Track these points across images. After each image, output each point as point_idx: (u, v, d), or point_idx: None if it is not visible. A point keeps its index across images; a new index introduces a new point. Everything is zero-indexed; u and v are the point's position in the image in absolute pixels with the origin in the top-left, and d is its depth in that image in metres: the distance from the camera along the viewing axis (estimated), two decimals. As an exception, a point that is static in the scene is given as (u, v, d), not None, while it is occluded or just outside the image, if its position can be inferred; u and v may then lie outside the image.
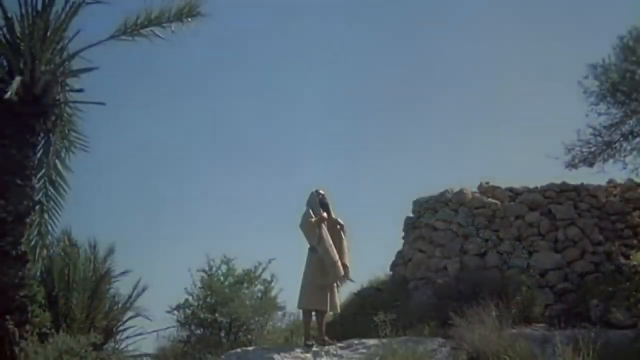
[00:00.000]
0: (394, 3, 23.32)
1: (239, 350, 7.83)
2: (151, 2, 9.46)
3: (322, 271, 7.53)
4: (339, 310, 7.87)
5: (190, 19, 9.70)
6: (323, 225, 7.72)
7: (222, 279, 10.09)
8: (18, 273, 8.57)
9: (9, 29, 9.14)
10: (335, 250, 7.61)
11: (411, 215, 11.14)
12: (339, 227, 7.98)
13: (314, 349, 7.35)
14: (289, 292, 10.12)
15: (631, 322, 7.97)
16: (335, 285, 7.70)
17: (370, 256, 16.00)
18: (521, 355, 6.34)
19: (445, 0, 23.06)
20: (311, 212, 7.73)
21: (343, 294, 8.79)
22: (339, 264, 7.56)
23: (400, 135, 24.49)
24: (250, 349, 7.90)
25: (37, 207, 9.44)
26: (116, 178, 23.11)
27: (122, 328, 12.00)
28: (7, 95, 8.31)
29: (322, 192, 7.98)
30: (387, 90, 24.10)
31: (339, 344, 7.51)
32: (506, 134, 23.29)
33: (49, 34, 9.18)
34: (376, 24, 24.36)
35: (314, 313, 7.77)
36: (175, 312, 10.01)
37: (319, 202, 7.84)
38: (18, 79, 8.60)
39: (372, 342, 7.38)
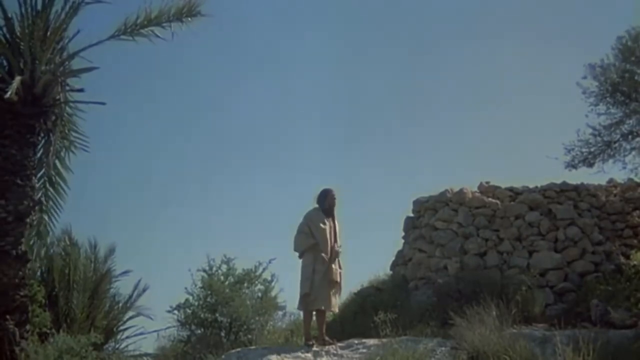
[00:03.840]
0: (393, 3, 23.35)
1: (239, 349, 7.82)
2: (151, 1, 9.48)
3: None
4: (337, 310, 7.84)
5: (190, 19, 9.71)
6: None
7: (222, 278, 10.06)
8: (18, 273, 8.57)
9: (8, 28, 9.15)
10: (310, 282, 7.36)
11: (411, 215, 11.14)
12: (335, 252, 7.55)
13: (314, 348, 7.34)
14: (289, 292, 10.13)
15: (631, 322, 7.97)
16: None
17: (370, 256, 16.11)
18: (521, 355, 6.33)
19: (443, 0, 23.11)
20: (307, 227, 7.58)
21: (343, 293, 8.75)
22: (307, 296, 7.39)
23: (401, 135, 24.53)
24: (251, 348, 7.89)
25: (37, 207, 9.42)
26: (116, 178, 23.12)
27: (122, 327, 12.04)
28: (7, 95, 8.30)
29: (334, 193, 7.75)
30: (387, 90, 24.13)
31: (339, 344, 7.50)
32: (506, 134, 23.35)
33: (48, 33, 9.18)
34: (376, 23, 24.39)
35: (314, 313, 7.77)
36: (176, 312, 9.97)
37: (322, 210, 7.67)
38: (18, 78, 8.59)
39: (372, 341, 7.37)
